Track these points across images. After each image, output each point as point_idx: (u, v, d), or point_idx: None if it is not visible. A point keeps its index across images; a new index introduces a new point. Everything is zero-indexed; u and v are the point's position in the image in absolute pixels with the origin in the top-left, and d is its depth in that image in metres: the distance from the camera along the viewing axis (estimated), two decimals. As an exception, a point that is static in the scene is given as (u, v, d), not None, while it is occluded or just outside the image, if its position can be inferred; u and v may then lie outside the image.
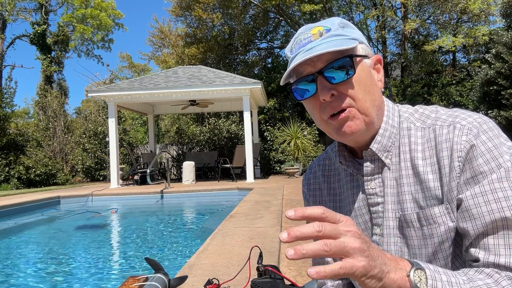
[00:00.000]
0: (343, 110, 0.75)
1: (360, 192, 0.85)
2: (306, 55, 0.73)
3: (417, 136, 0.79)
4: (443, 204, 0.73)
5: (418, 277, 0.59)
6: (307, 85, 0.76)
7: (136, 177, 11.16)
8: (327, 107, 0.76)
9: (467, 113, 0.75)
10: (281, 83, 0.80)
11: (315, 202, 0.96)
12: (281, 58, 19.41)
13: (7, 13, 21.57)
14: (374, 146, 0.79)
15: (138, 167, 12.26)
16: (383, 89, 0.83)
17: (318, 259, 0.97)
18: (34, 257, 4.33)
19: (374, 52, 0.85)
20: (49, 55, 21.14)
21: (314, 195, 0.97)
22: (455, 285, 0.60)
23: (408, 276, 0.58)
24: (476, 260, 0.68)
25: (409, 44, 18.08)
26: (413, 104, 0.87)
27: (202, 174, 12.98)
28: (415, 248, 0.77)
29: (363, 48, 0.79)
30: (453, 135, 0.73)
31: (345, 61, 0.73)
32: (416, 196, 0.77)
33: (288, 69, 0.77)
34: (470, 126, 0.72)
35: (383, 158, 0.80)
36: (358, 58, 0.76)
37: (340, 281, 0.95)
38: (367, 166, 0.81)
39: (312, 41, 0.75)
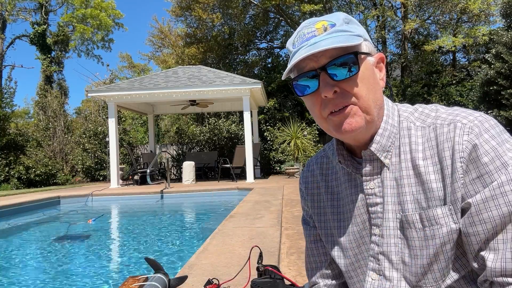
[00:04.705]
0: (344, 107, 0.73)
1: (359, 192, 0.83)
2: (310, 49, 0.71)
3: (417, 135, 0.78)
4: (446, 205, 0.72)
5: None
6: (308, 81, 0.75)
7: (136, 177, 11.16)
8: (329, 104, 0.74)
9: (468, 111, 0.74)
10: (283, 78, 0.79)
11: (313, 201, 0.95)
12: (281, 58, 19.40)
13: (7, 13, 21.55)
14: (373, 146, 0.78)
15: (138, 167, 12.25)
16: (384, 88, 0.82)
17: (313, 264, 0.98)
18: (34, 257, 4.33)
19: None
20: (49, 55, 21.14)
21: (312, 193, 0.96)
22: None
23: None
24: (484, 266, 0.69)
25: (409, 44, 18.07)
26: (413, 104, 0.86)
27: (202, 174, 12.98)
28: (416, 249, 0.76)
29: (367, 45, 0.77)
30: (454, 134, 0.71)
31: (350, 58, 0.72)
32: (418, 197, 0.75)
33: (290, 64, 0.74)
34: (471, 125, 0.71)
35: (382, 159, 0.79)
36: (362, 56, 0.74)
37: (334, 281, 0.95)
38: (366, 166, 0.80)
39: (316, 35, 0.73)
